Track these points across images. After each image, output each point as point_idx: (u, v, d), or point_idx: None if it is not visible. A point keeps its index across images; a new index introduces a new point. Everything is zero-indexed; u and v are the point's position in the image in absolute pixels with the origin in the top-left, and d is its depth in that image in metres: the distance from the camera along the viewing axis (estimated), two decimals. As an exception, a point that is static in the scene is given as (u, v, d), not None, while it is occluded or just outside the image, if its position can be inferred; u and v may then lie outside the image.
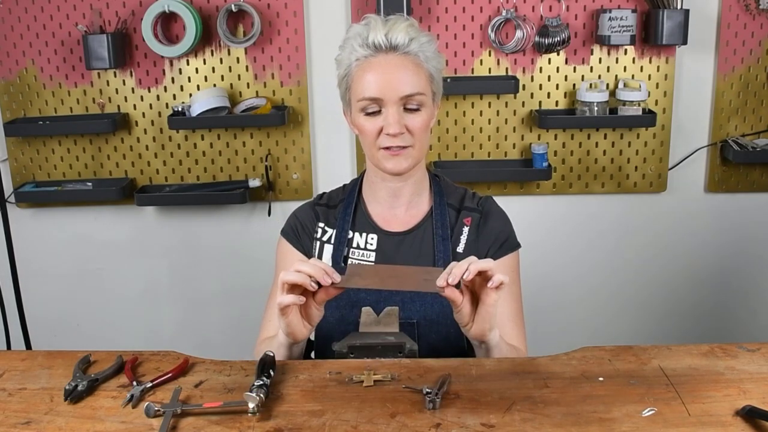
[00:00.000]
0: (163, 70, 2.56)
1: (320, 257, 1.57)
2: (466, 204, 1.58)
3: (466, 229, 1.55)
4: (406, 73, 1.42)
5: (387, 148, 1.45)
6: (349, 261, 1.54)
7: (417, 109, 1.44)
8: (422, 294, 1.50)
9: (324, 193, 1.65)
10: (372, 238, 1.56)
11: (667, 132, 2.60)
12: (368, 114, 1.44)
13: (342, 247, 1.55)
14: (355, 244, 1.56)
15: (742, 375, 1.26)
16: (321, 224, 1.59)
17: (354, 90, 1.45)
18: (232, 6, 2.44)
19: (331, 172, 2.66)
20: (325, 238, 1.58)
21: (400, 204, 1.56)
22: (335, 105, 1.53)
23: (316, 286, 1.27)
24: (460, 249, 1.54)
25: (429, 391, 1.19)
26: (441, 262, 1.51)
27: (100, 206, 2.70)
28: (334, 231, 1.58)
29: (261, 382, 1.19)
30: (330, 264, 1.55)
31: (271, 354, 1.30)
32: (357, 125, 1.47)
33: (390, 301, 1.50)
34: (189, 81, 2.57)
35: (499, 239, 1.55)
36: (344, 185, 1.66)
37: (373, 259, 1.55)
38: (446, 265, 1.50)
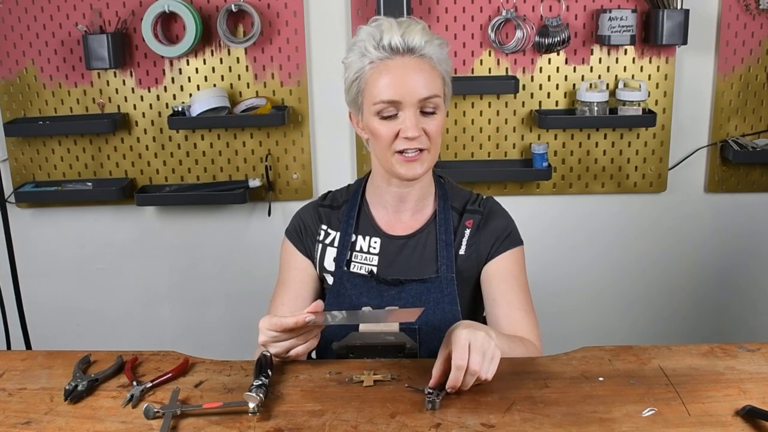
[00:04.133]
0: (163, 70, 2.56)
1: (322, 260, 1.57)
2: (469, 207, 1.57)
3: (467, 231, 1.54)
4: (423, 76, 1.40)
5: (401, 153, 1.42)
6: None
7: (433, 112, 1.42)
8: (424, 299, 1.51)
9: (329, 192, 1.65)
10: (375, 242, 1.55)
11: (667, 132, 2.60)
12: (384, 117, 1.41)
13: (345, 250, 1.55)
14: (358, 248, 1.56)
15: (742, 375, 1.27)
16: (324, 226, 1.59)
17: (368, 93, 1.42)
18: (232, 6, 2.44)
19: (331, 172, 2.66)
20: (327, 241, 1.58)
21: (405, 209, 1.55)
22: (335, 105, 1.52)
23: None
24: (462, 251, 1.54)
25: (431, 391, 1.19)
26: (444, 268, 1.51)
27: (100, 206, 2.70)
28: (338, 234, 1.57)
29: (260, 382, 1.19)
30: (333, 267, 1.56)
31: (268, 354, 1.30)
32: (371, 129, 1.44)
33: (391, 303, 1.50)
34: (189, 81, 2.57)
35: (501, 236, 1.55)
36: (348, 185, 1.65)
37: (375, 262, 1.54)
38: (449, 270, 1.51)
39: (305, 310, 1.29)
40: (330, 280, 1.57)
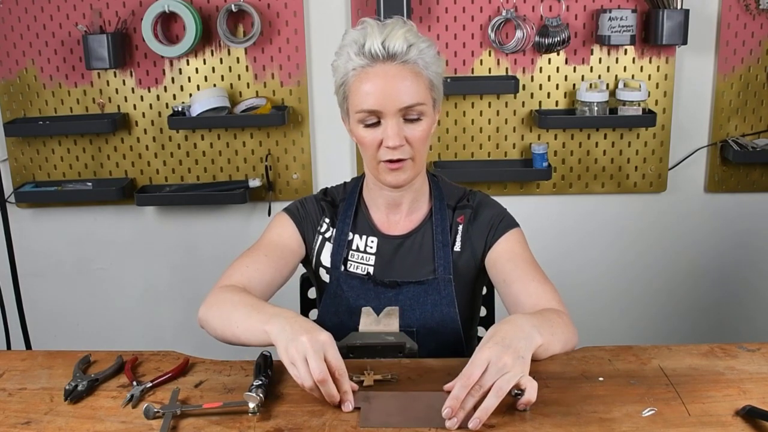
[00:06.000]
0: (163, 70, 2.56)
1: (320, 253, 1.57)
2: (460, 203, 1.57)
3: (460, 227, 1.55)
4: (404, 84, 1.37)
5: (387, 161, 1.41)
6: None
7: (417, 119, 1.40)
8: (421, 302, 1.50)
9: (327, 188, 1.64)
10: (372, 241, 1.55)
11: (667, 132, 2.60)
12: (367, 126, 1.40)
13: (342, 249, 1.55)
14: (354, 246, 1.56)
15: (742, 375, 1.26)
16: (327, 219, 1.58)
17: (352, 101, 1.41)
18: (232, 6, 2.44)
19: (331, 172, 2.66)
20: (327, 235, 1.58)
21: (399, 211, 1.55)
22: (335, 105, 1.51)
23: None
24: (457, 248, 1.54)
25: (519, 393, 1.17)
26: (441, 269, 1.51)
27: (100, 206, 2.70)
28: (335, 231, 1.57)
29: (260, 382, 1.19)
30: (329, 264, 1.55)
31: (268, 354, 1.30)
32: (356, 136, 1.44)
33: (388, 305, 1.49)
34: (189, 81, 2.57)
35: (495, 224, 1.54)
36: (345, 183, 1.64)
37: (372, 262, 1.54)
38: (446, 271, 1.51)
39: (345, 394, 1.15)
40: (325, 276, 1.57)
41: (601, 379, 1.26)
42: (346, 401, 1.15)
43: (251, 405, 1.14)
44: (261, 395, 1.15)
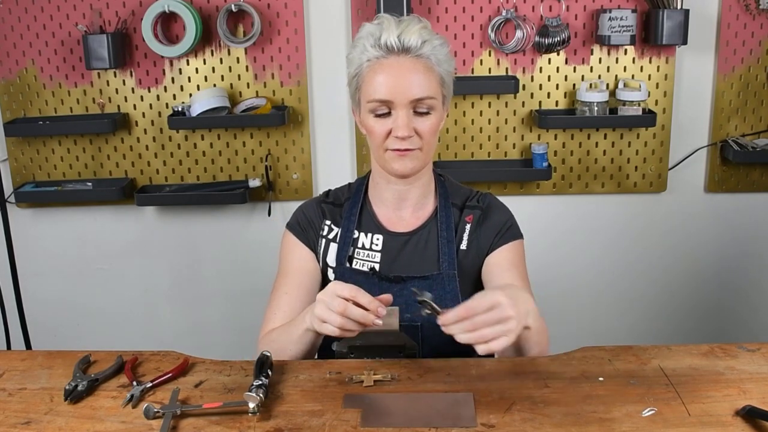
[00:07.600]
0: (163, 70, 2.56)
1: (326, 255, 1.58)
2: (468, 203, 1.58)
3: (468, 227, 1.56)
4: (417, 76, 1.41)
5: (394, 150, 1.44)
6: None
7: (427, 113, 1.43)
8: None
9: (329, 190, 1.65)
10: (377, 239, 1.56)
11: (667, 132, 2.60)
12: (378, 115, 1.43)
13: (347, 247, 1.56)
14: (360, 245, 1.56)
15: (742, 375, 1.27)
16: (328, 222, 1.59)
17: (364, 91, 1.44)
18: (232, 6, 2.44)
19: (331, 172, 2.66)
20: (331, 236, 1.58)
21: (406, 206, 1.56)
22: (335, 105, 1.53)
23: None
24: (463, 246, 1.55)
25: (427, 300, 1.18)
26: (445, 264, 1.52)
27: (100, 206, 2.70)
28: (340, 230, 1.58)
29: (260, 382, 1.19)
30: (334, 264, 1.56)
31: (268, 354, 1.30)
32: (366, 126, 1.47)
33: (393, 301, 1.50)
34: (189, 81, 2.57)
35: (502, 230, 1.56)
36: (349, 184, 1.66)
37: (378, 259, 1.55)
38: (450, 267, 1.51)
39: (376, 297, 1.24)
40: (331, 276, 1.57)
41: (601, 379, 1.26)
42: (377, 308, 1.22)
43: (251, 405, 1.15)
44: (261, 395, 1.15)
